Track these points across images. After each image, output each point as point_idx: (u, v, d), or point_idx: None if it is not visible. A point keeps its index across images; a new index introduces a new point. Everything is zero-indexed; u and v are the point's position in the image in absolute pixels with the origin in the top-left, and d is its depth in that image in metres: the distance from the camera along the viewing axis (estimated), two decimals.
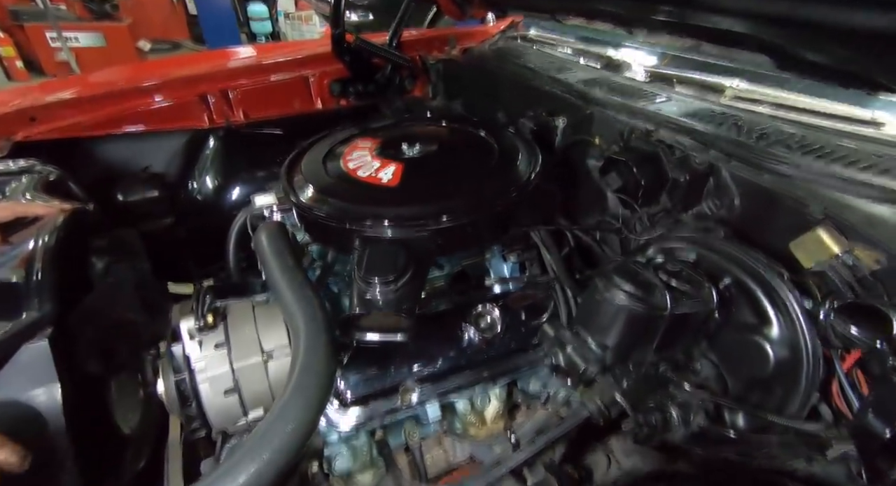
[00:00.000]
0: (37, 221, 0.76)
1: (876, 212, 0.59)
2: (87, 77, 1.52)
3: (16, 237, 0.72)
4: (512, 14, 1.67)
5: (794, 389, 0.56)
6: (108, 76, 1.48)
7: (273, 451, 0.49)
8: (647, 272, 0.56)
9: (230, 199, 1.49)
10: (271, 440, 0.49)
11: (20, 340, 0.58)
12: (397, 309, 0.64)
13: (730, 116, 0.84)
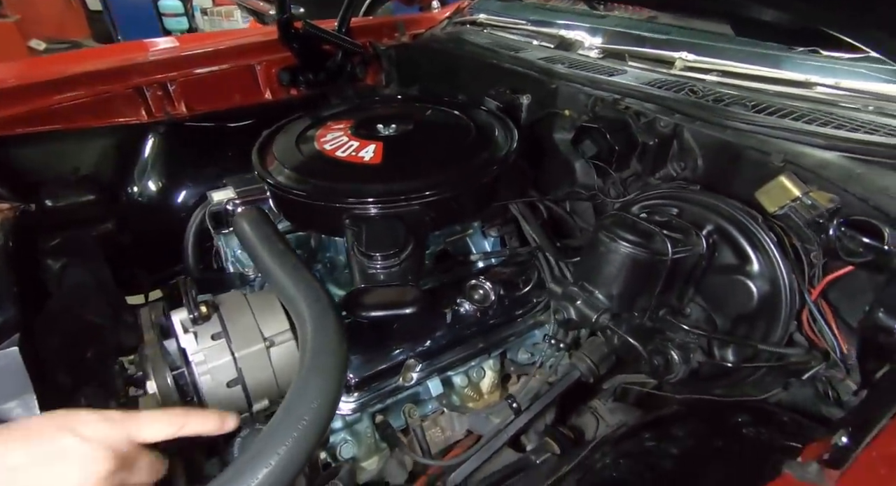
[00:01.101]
0: None
1: (826, 157, 0.67)
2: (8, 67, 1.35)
3: None
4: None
5: (776, 319, 0.62)
6: (23, 68, 1.32)
7: (300, 432, 0.47)
8: (642, 223, 0.59)
9: (178, 199, 1.39)
10: (297, 421, 0.47)
11: None
12: (402, 283, 0.63)
13: (684, 83, 0.91)
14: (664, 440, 0.64)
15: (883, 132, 0.67)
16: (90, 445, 0.38)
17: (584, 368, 0.86)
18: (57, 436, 0.37)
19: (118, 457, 0.39)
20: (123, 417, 0.41)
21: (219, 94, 1.40)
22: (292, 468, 0.45)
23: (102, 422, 0.39)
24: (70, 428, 0.38)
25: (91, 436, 0.38)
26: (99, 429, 0.39)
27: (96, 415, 0.40)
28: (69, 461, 0.37)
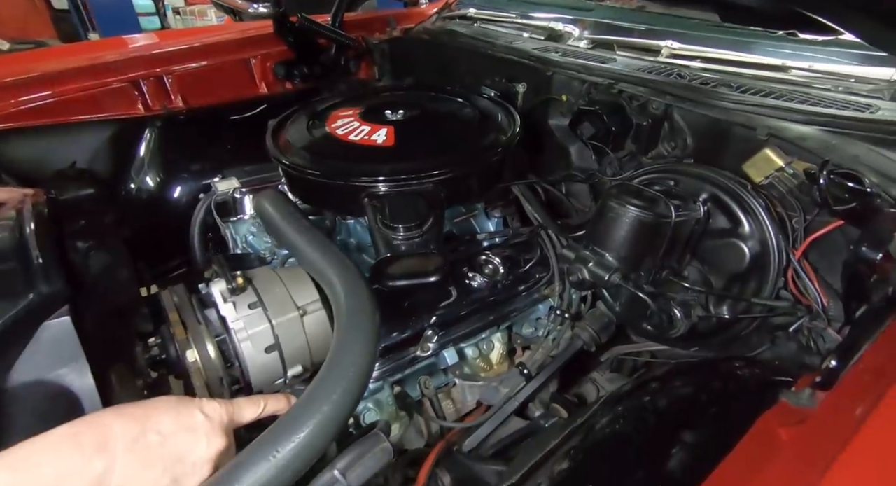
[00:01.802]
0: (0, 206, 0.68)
1: (804, 131, 0.73)
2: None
3: None
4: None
5: (765, 276, 0.68)
6: (20, 62, 1.31)
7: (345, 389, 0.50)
8: (647, 191, 0.65)
9: (176, 192, 1.39)
10: (344, 375, 0.51)
11: (36, 318, 0.53)
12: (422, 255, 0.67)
13: (671, 69, 0.97)
14: (660, 394, 0.69)
15: (852, 108, 0.75)
16: (212, 423, 0.43)
17: (586, 337, 0.91)
18: (191, 411, 0.43)
19: (230, 435, 0.44)
20: (227, 402, 0.47)
21: (215, 87, 1.41)
22: (340, 417, 0.49)
23: (218, 404, 0.45)
24: (198, 406, 0.44)
25: (212, 415, 0.44)
26: (217, 410, 0.45)
27: (210, 399, 0.46)
28: (199, 435, 0.42)
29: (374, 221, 0.70)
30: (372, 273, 0.66)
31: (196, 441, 0.42)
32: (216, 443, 0.43)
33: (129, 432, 0.39)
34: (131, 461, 0.38)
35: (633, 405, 0.70)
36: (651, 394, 0.70)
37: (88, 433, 0.38)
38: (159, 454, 0.40)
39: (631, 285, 0.64)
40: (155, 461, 0.39)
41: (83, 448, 0.37)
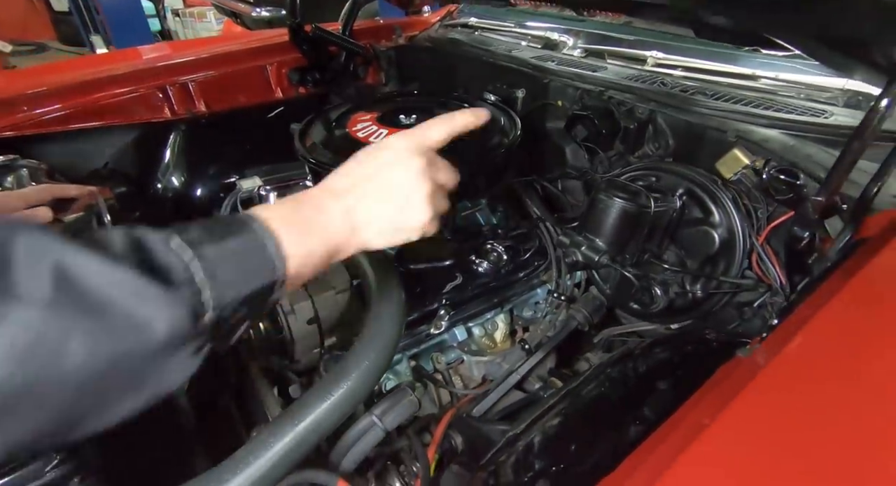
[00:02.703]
0: (73, 202, 0.78)
1: (767, 134, 0.85)
2: (35, 72, 1.44)
3: (62, 215, 0.74)
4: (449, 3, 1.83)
5: (732, 259, 0.79)
6: (58, 70, 1.41)
7: (380, 348, 0.61)
8: (632, 185, 0.76)
9: (199, 190, 1.50)
10: (380, 338, 0.61)
11: None
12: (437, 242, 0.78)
13: (656, 77, 1.08)
14: (640, 359, 0.80)
15: (809, 114, 0.86)
16: (403, 151, 0.49)
17: (580, 317, 1.03)
18: (388, 146, 0.50)
19: (423, 155, 0.50)
20: (412, 130, 0.53)
21: (234, 92, 1.51)
22: (378, 371, 0.60)
23: (401, 137, 0.51)
24: (386, 145, 0.51)
25: (399, 146, 0.50)
26: (401, 141, 0.50)
27: (396, 134, 0.52)
28: (398, 164, 0.49)
29: None
30: (396, 257, 0.77)
31: (402, 170, 0.48)
32: (415, 165, 0.49)
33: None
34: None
35: (617, 371, 0.81)
36: (633, 360, 0.81)
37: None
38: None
39: (617, 266, 0.75)
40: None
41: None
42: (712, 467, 0.38)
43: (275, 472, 0.51)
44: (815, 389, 0.45)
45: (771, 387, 0.43)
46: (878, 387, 0.44)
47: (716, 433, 0.40)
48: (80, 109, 1.29)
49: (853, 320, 0.50)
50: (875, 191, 0.61)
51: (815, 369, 0.48)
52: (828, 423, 0.40)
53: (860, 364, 0.46)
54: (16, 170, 0.92)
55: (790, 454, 0.38)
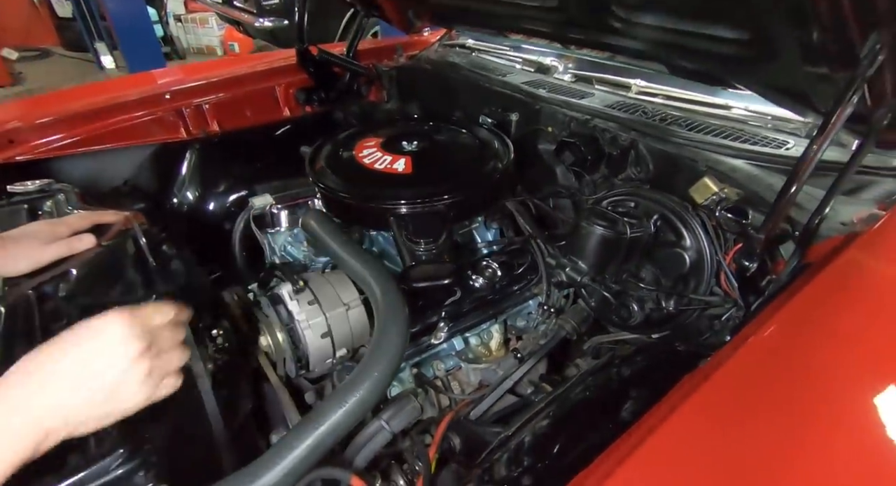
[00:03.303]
0: (110, 227, 0.87)
1: (734, 164, 0.94)
2: (62, 95, 1.53)
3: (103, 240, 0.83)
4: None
5: (702, 278, 0.88)
6: (81, 94, 1.50)
7: (387, 360, 0.70)
8: (610, 213, 0.85)
9: (213, 205, 1.59)
10: (387, 351, 0.71)
11: None
12: (440, 261, 0.87)
13: (639, 106, 1.18)
14: (622, 367, 0.89)
15: (772, 145, 0.95)
16: (116, 338, 0.49)
17: (569, 327, 1.12)
18: (99, 332, 0.50)
19: (142, 338, 0.50)
20: (137, 311, 0.52)
21: (245, 112, 1.60)
22: (385, 381, 0.69)
23: (119, 321, 0.50)
24: (96, 332, 0.50)
25: (112, 332, 0.50)
26: (118, 326, 0.50)
27: (116, 313, 0.51)
28: (104, 355, 0.48)
29: (400, 236, 0.89)
30: (400, 276, 0.86)
31: (100, 349, 0.49)
32: (131, 347, 0.50)
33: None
34: None
35: (601, 377, 0.90)
36: (616, 367, 0.90)
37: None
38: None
39: (598, 286, 0.84)
40: None
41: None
42: (655, 464, 0.47)
43: (299, 469, 0.60)
44: (747, 396, 0.55)
45: (710, 399, 0.52)
46: (797, 394, 0.53)
47: (665, 432, 0.50)
48: (102, 132, 1.38)
49: (787, 336, 0.60)
50: (817, 222, 0.70)
51: (749, 380, 0.57)
52: (751, 425, 0.50)
53: (787, 374, 0.55)
54: (53, 195, 1.01)
55: (719, 449, 0.47)
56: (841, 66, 0.60)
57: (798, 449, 0.48)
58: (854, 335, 0.59)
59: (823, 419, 0.52)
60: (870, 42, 0.53)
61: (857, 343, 0.57)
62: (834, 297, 0.64)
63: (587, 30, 0.94)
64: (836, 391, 0.55)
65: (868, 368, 0.56)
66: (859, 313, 0.61)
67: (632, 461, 0.47)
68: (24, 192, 1.03)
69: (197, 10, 7.15)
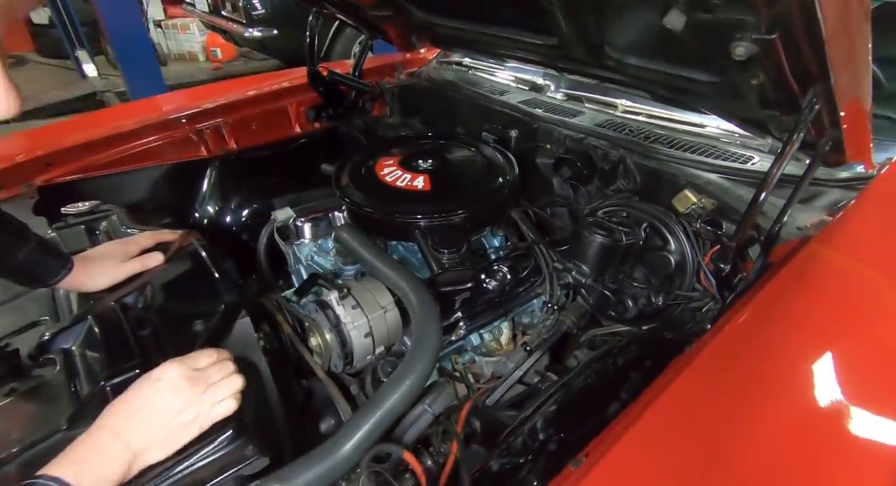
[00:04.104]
0: (171, 245, 0.98)
1: (709, 177, 1.10)
2: (94, 119, 1.61)
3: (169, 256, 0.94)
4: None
5: (685, 276, 1.04)
6: (112, 118, 1.59)
7: (429, 352, 0.83)
8: (607, 223, 1.00)
9: (232, 218, 1.69)
10: (428, 345, 0.84)
11: (229, 320, 0.84)
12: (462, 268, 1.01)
13: (626, 124, 1.33)
14: (618, 356, 1.04)
15: (739, 161, 1.12)
16: (173, 379, 0.65)
17: (570, 322, 1.26)
18: (159, 377, 0.65)
19: (191, 378, 0.66)
20: (183, 359, 0.68)
21: (260, 130, 1.72)
22: (429, 370, 0.82)
23: (171, 367, 0.66)
24: (157, 377, 0.65)
25: (169, 376, 0.65)
26: (171, 371, 0.66)
27: (171, 363, 0.67)
28: (165, 392, 0.64)
29: (426, 246, 1.03)
30: (429, 282, 0.99)
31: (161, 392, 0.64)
32: (179, 389, 0.64)
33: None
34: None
35: (600, 366, 1.05)
36: (613, 357, 1.05)
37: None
38: None
39: (599, 286, 0.99)
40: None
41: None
42: (652, 433, 0.62)
43: (365, 443, 0.73)
44: (723, 374, 0.70)
45: (692, 377, 0.67)
46: (759, 367, 0.68)
47: (659, 407, 0.64)
48: (130, 154, 1.48)
49: (754, 324, 0.75)
50: (777, 229, 0.86)
51: (724, 361, 0.72)
52: (725, 395, 0.65)
53: (754, 353, 0.71)
54: (107, 216, 1.11)
55: (701, 417, 0.62)
56: (788, 111, 0.76)
57: (758, 407, 0.63)
58: (801, 318, 0.75)
59: (777, 384, 0.68)
60: (809, 94, 0.69)
61: (803, 324, 0.73)
62: (789, 290, 0.79)
63: (582, 64, 1.09)
64: (787, 361, 0.71)
65: (810, 342, 0.72)
66: (807, 300, 0.77)
67: (632, 433, 0.61)
68: (77, 212, 1.13)
69: (177, 16, 7.10)
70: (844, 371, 0.68)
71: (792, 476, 0.59)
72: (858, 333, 0.74)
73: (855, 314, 0.77)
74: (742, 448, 0.61)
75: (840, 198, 1.02)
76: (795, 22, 0.58)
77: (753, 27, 0.60)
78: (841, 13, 0.58)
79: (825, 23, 0.56)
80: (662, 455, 0.62)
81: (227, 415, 0.67)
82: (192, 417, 0.64)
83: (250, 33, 4.08)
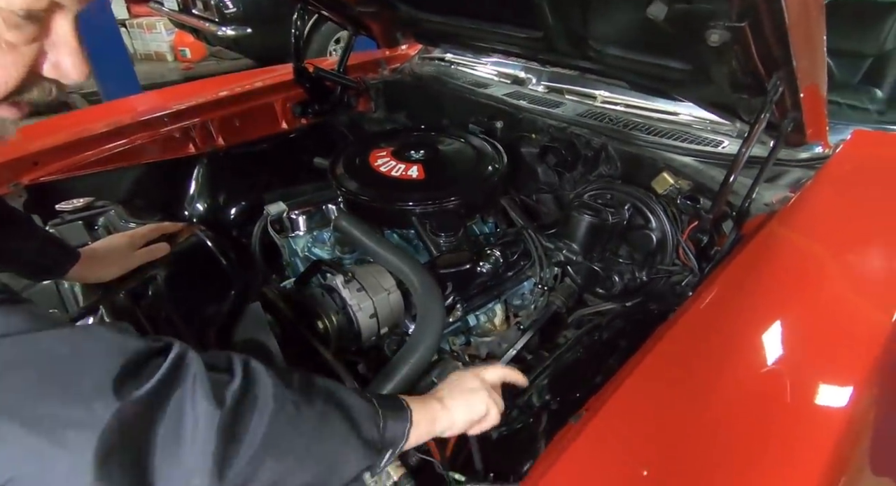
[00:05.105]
0: (175, 236, 1.00)
1: (685, 161, 1.18)
2: (79, 117, 1.59)
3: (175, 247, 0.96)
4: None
5: (666, 252, 1.12)
6: (96, 116, 1.57)
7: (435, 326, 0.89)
8: (594, 204, 1.07)
9: (222, 215, 1.70)
10: (432, 322, 0.89)
11: (240, 303, 0.87)
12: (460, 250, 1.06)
13: (605, 113, 1.41)
14: (604, 330, 1.11)
15: (711, 145, 1.20)
16: (483, 384, 0.77)
17: (559, 302, 1.33)
18: (476, 377, 0.78)
19: (491, 388, 0.77)
20: (490, 371, 0.81)
21: (247, 127, 1.73)
22: (436, 343, 0.87)
23: (485, 374, 0.79)
24: (474, 376, 0.78)
25: (484, 379, 0.78)
26: (486, 377, 0.78)
27: (483, 370, 0.80)
28: (480, 391, 0.75)
29: (424, 232, 1.08)
30: (429, 265, 1.04)
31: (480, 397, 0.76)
32: (485, 394, 0.76)
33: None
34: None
35: (587, 340, 1.12)
36: (599, 332, 1.12)
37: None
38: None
39: (588, 262, 1.05)
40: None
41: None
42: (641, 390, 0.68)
43: None
44: (700, 336, 0.77)
45: (675, 339, 0.74)
46: (729, 329, 0.76)
47: (645, 367, 0.71)
48: (118, 152, 1.47)
49: (726, 292, 0.83)
50: (747, 205, 0.94)
51: (701, 325, 0.79)
52: (703, 354, 0.72)
53: (725, 317, 0.78)
54: (104, 212, 1.12)
55: (684, 375, 0.69)
56: (755, 93, 0.84)
57: (728, 362, 0.71)
58: (765, 286, 0.83)
59: (746, 342, 0.76)
60: (773, 78, 0.77)
61: (767, 291, 0.81)
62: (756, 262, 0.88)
63: (565, 56, 1.16)
64: (753, 323, 0.78)
65: (771, 308, 0.80)
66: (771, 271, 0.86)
67: (624, 389, 0.67)
68: (73, 209, 1.13)
69: (142, 15, 6.91)
70: (796, 330, 0.77)
71: (753, 420, 0.66)
72: (809, 297, 0.83)
73: (807, 280, 0.85)
74: (715, 395, 0.69)
75: (801, 176, 1.12)
76: (763, 11, 0.65)
77: (726, 15, 0.67)
78: (801, 3, 0.66)
79: (788, 12, 0.64)
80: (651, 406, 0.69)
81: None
82: (482, 417, 0.74)
83: (223, 32, 4.03)
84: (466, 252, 1.05)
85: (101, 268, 0.88)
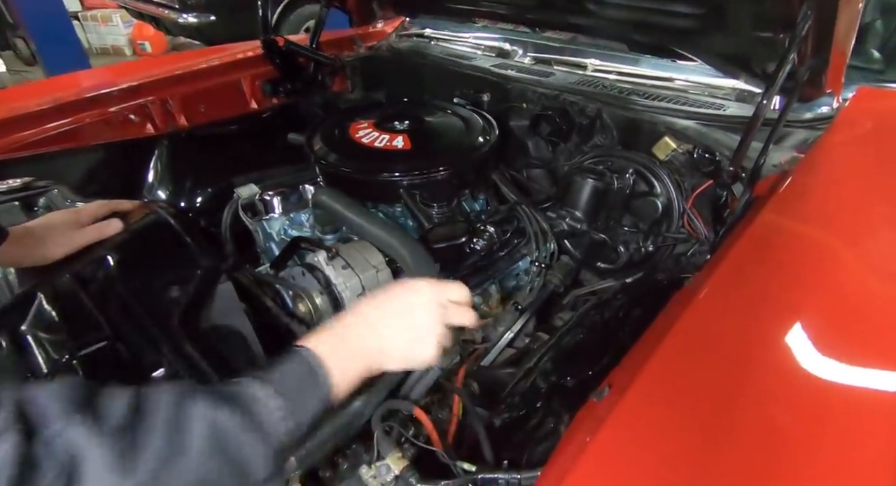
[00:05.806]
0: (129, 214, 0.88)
1: (686, 124, 1.12)
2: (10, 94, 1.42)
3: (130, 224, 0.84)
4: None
5: (671, 220, 1.05)
6: (32, 92, 1.41)
7: None
8: (598, 168, 0.99)
9: (187, 201, 1.56)
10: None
11: (208, 284, 0.76)
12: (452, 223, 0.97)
13: (598, 81, 1.34)
14: (605, 308, 1.04)
15: (712, 108, 1.14)
16: (430, 299, 0.60)
17: (556, 280, 1.25)
18: (418, 291, 0.61)
19: (443, 306, 0.61)
20: (438, 284, 0.64)
21: (212, 106, 1.58)
22: None
23: (429, 287, 0.62)
24: (416, 290, 0.62)
25: (427, 294, 0.61)
26: (429, 291, 0.61)
27: (425, 283, 0.64)
28: (423, 309, 0.59)
29: (414, 204, 0.98)
30: (421, 238, 0.95)
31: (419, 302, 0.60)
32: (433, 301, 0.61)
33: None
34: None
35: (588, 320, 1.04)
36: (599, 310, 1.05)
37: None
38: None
39: (592, 231, 0.98)
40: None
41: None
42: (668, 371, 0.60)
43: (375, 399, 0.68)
44: (721, 300, 0.70)
45: (702, 307, 0.67)
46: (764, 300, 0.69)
47: (673, 338, 0.63)
48: (63, 132, 1.32)
49: (747, 254, 0.76)
50: (761, 163, 0.88)
51: (723, 289, 0.72)
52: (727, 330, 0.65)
53: (755, 282, 0.72)
54: (45, 192, 0.98)
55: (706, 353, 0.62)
56: (783, 28, 0.77)
57: (766, 335, 0.64)
58: (793, 249, 0.76)
59: (779, 311, 0.69)
60: (804, 8, 0.70)
61: (795, 255, 0.75)
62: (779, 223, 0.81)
63: (561, 13, 1.08)
64: (784, 290, 0.72)
65: (804, 271, 0.73)
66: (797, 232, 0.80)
67: (654, 362, 0.59)
68: (8, 189, 0.99)
69: (96, 7, 6.56)
70: (833, 294, 0.71)
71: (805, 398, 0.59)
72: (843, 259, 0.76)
73: (838, 240, 0.79)
74: (759, 369, 0.62)
75: (807, 137, 1.07)
76: None
77: None
78: None
79: None
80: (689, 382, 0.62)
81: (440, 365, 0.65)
82: (429, 346, 0.59)
83: (185, 19, 3.82)
84: (462, 223, 0.96)
85: (40, 249, 0.75)
